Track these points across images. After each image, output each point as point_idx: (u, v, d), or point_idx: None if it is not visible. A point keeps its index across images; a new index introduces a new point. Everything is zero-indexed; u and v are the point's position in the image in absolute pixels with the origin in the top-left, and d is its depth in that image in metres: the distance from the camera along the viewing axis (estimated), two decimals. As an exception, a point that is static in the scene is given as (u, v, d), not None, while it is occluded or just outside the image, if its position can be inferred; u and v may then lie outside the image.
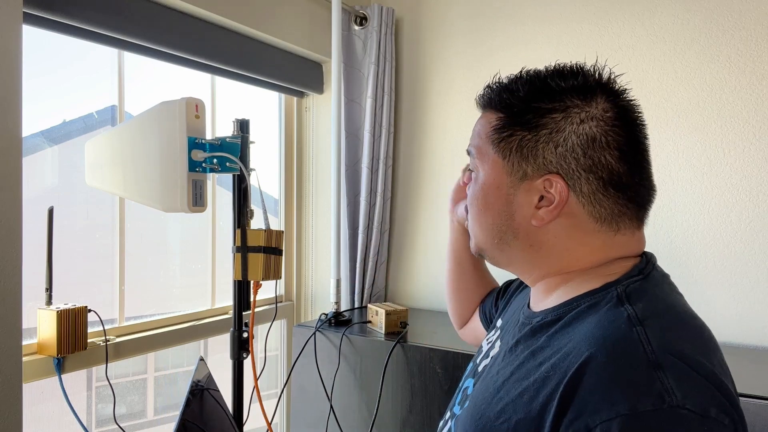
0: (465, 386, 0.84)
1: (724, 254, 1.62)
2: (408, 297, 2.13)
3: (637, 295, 0.65)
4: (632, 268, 0.69)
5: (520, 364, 0.68)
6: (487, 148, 0.73)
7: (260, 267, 1.28)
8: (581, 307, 0.67)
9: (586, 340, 0.61)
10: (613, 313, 0.63)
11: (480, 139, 0.75)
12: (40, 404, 1.46)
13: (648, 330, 0.59)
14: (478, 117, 0.79)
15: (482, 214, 0.75)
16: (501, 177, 0.72)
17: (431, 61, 2.08)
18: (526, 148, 0.70)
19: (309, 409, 1.71)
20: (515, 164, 0.71)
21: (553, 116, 0.68)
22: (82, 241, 1.57)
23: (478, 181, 0.75)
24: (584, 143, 0.67)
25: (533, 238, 0.72)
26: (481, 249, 0.78)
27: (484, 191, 0.74)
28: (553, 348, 0.65)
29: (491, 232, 0.74)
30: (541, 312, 0.73)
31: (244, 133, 1.32)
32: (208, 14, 1.62)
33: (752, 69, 1.58)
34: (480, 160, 0.74)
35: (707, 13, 1.63)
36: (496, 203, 0.73)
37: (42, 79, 1.41)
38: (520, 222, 0.72)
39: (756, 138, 1.58)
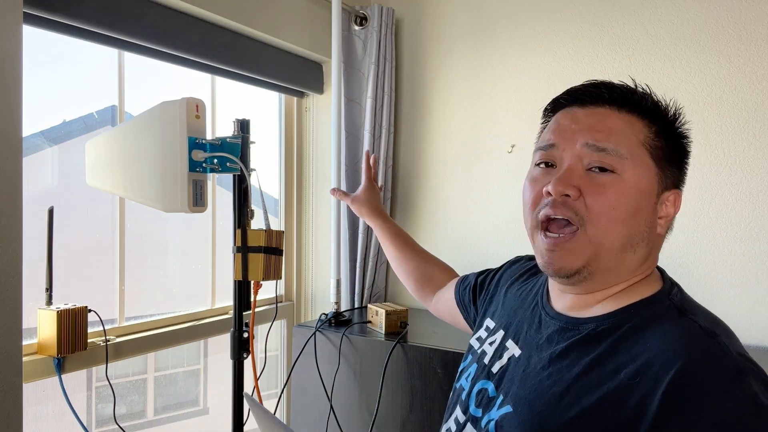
0: (479, 388, 0.83)
1: (724, 254, 1.61)
2: (408, 297, 2.13)
3: (690, 308, 0.71)
4: (664, 279, 0.76)
5: (586, 371, 0.69)
6: (641, 153, 0.73)
7: (260, 267, 1.28)
8: (642, 316, 0.71)
9: (673, 347, 0.64)
10: (685, 323, 0.68)
11: (629, 141, 0.73)
12: (40, 404, 1.46)
13: (721, 340, 0.65)
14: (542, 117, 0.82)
15: (632, 217, 0.72)
16: (653, 185, 0.73)
17: (431, 61, 2.08)
18: (669, 158, 0.75)
19: (309, 409, 1.71)
20: (666, 175, 0.74)
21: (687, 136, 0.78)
22: (82, 241, 1.57)
23: (628, 184, 0.71)
24: (684, 154, 0.78)
25: (652, 246, 0.76)
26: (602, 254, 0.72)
27: (638, 195, 0.72)
28: (625, 355, 0.67)
29: (631, 237, 0.72)
30: (591, 319, 0.74)
31: (244, 133, 1.32)
32: (208, 14, 1.62)
33: (752, 69, 1.58)
34: (632, 161, 0.72)
35: (707, 13, 1.63)
36: (645, 209, 0.73)
37: (42, 79, 1.41)
38: (653, 231, 0.75)
39: (756, 138, 1.58)
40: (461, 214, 2.03)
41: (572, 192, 0.71)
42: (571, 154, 0.74)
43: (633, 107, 0.74)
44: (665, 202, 0.75)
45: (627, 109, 0.74)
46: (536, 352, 0.78)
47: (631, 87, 0.77)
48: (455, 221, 2.03)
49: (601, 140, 0.72)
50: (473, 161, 2.00)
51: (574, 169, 0.73)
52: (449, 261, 1.36)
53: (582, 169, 0.73)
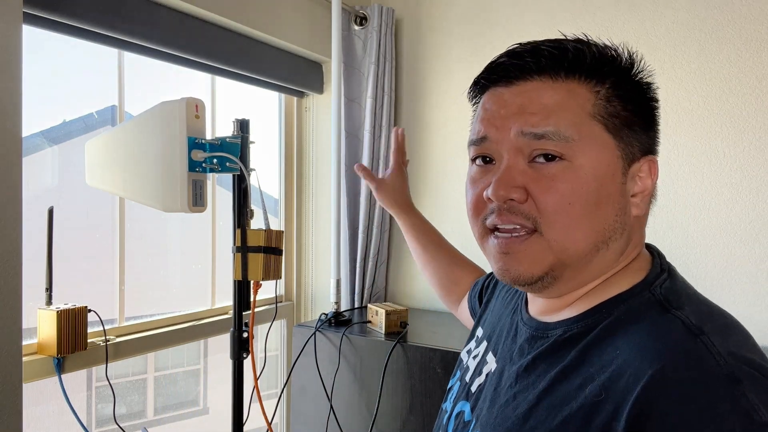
0: (458, 410, 0.73)
1: (725, 254, 1.61)
2: (408, 297, 2.13)
3: (677, 298, 0.58)
4: (653, 264, 0.63)
5: (550, 387, 0.58)
6: (592, 127, 0.59)
7: (260, 267, 1.28)
8: (615, 316, 0.59)
9: (643, 354, 0.52)
10: (663, 320, 0.56)
11: (573, 116, 0.58)
12: (40, 404, 1.46)
13: (712, 338, 0.52)
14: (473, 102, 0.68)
15: (595, 212, 0.58)
16: (615, 162, 0.59)
17: (431, 61, 2.08)
18: (633, 122, 0.60)
19: (309, 409, 1.71)
20: (631, 143, 0.60)
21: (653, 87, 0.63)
22: (82, 241, 1.57)
23: (582, 170, 0.58)
24: (654, 112, 0.63)
25: (630, 232, 0.62)
26: (567, 261, 0.60)
27: (598, 182, 0.58)
28: (592, 366, 0.56)
29: (599, 235, 0.59)
30: (559, 323, 0.63)
31: (244, 133, 1.32)
32: (208, 14, 1.62)
33: (752, 69, 1.58)
34: (582, 142, 0.58)
35: (707, 13, 1.63)
36: (612, 195, 0.59)
37: (42, 79, 1.41)
38: (629, 217, 0.61)
39: (756, 138, 1.58)
40: (461, 213, 2.01)
41: (517, 195, 0.59)
42: (508, 147, 0.60)
43: (570, 70, 0.60)
44: (637, 176, 0.61)
45: (563, 74, 0.60)
46: (508, 366, 0.67)
47: (561, 44, 0.60)
48: (455, 221, 2.03)
49: (536, 124, 0.58)
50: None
51: (513, 165, 0.60)
52: (449, 261, 1.36)
53: (524, 162, 0.60)
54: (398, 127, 1.23)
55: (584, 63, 0.60)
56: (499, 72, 0.62)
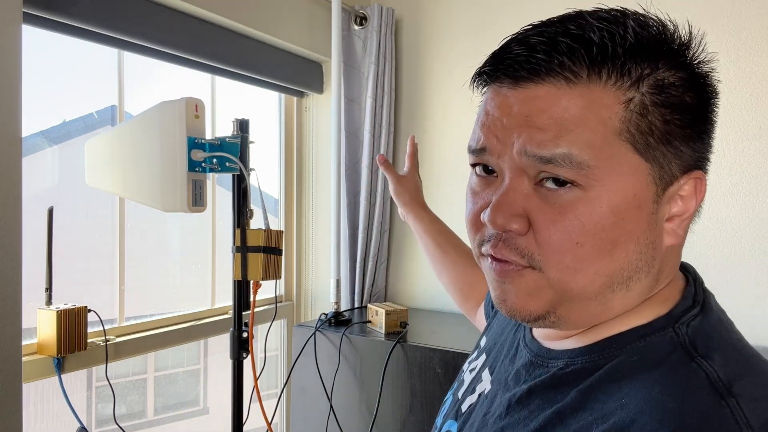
0: (446, 429, 0.66)
1: (724, 254, 1.61)
2: (408, 297, 2.13)
3: (705, 342, 0.47)
4: (684, 295, 0.52)
5: (541, 429, 0.50)
6: (617, 148, 0.46)
7: (260, 267, 1.28)
8: (627, 355, 0.49)
9: (652, 411, 0.43)
10: (684, 372, 0.45)
11: (594, 132, 0.45)
12: (40, 404, 1.46)
13: (742, 403, 0.42)
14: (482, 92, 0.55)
15: (609, 253, 0.47)
16: (644, 190, 0.47)
17: (431, 61, 2.08)
18: (674, 135, 0.47)
19: (309, 409, 1.71)
20: (664, 165, 0.47)
21: (678, 80, 0.48)
22: (82, 241, 1.57)
23: (598, 202, 0.46)
24: (703, 116, 0.49)
25: (663, 265, 0.51)
26: (571, 298, 0.50)
27: (617, 217, 0.46)
28: (592, 413, 0.46)
29: (614, 277, 0.48)
30: (562, 353, 0.53)
31: (243, 133, 1.32)
32: (208, 14, 1.62)
33: (752, 69, 1.58)
34: (601, 167, 0.46)
35: (707, 13, 1.63)
36: (634, 232, 0.47)
37: (42, 79, 1.41)
38: (659, 250, 0.50)
39: (756, 138, 1.58)
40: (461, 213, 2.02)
41: (517, 225, 0.48)
42: (510, 165, 0.49)
43: (594, 69, 0.46)
44: (677, 196, 0.49)
45: (584, 76, 0.46)
46: (502, 392, 0.58)
47: (584, 32, 0.46)
48: (455, 221, 2.03)
49: (544, 145, 0.46)
50: (473, 161, 2.00)
51: (515, 188, 0.49)
52: (449, 261, 1.36)
53: (528, 184, 0.48)
54: (412, 135, 1.21)
55: (615, 56, 0.45)
56: (505, 68, 0.49)
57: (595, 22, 0.46)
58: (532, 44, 0.47)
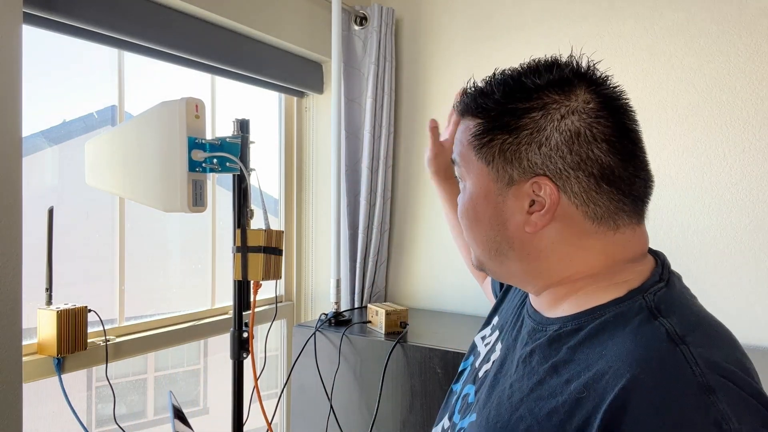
0: (465, 392, 0.80)
1: (724, 254, 1.61)
2: (408, 297, 2.13)
3: (668, 307, 0.61)
4: (652, 274, 0.66)
5: (541, 380, 0.63)
6: (470, 156, 0.70)
7: (260, 267, 1.28)
8: (606, 317, 0.63)
9: (624, 358, 0.56)
10: (649, 328, 0.59)
11: (462, 146, 0.72)
12: (40, 404, 1.46)
13: (692, 348, 0.55)
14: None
15: (475, 226, 0.72)
16: (487, 184, 0.69)
17: (431, 61, 2.08)
18: (508, 151, 0.67)
19: (309, 409, 1.71)
20: (500, 169, 0.68)
21: (531, 116, 0.65)
22: (82, 241, 1.57)
23: (467, 191, 0.72)
24: (568, 139, 0.63)
25: (529, 246, 0.68)
26: (481, 263, 0.74)
27: (473, 201, 0.71)
28: (579, 364, 0.60)
29: (486, 245, 0.71)
30: (557, 319, 0.68)
31: (244, 133, 1.32)
32: (208, 14, 1.62)
33: (752, 69, 1.58)
34: (465, 168, 0.72)
35: (707, 13, 1.63)
36: (486, 213, 0.70)
37: (42, 79, 1.41)
38: (513, 231, 0.68)
39: (756, 138, 1.58)
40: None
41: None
42: None
43: (466, 110, 0.72)
44: (531, 194, 0.66)
45: (468, 113, 0.72)
46: (510, 355, 0.73)
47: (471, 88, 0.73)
48: (455, 221, 2.03)
49: (453, 154, 0.75)
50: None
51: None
52: (450, 261, 1.36)
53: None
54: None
55: (472, 102, 0.71)
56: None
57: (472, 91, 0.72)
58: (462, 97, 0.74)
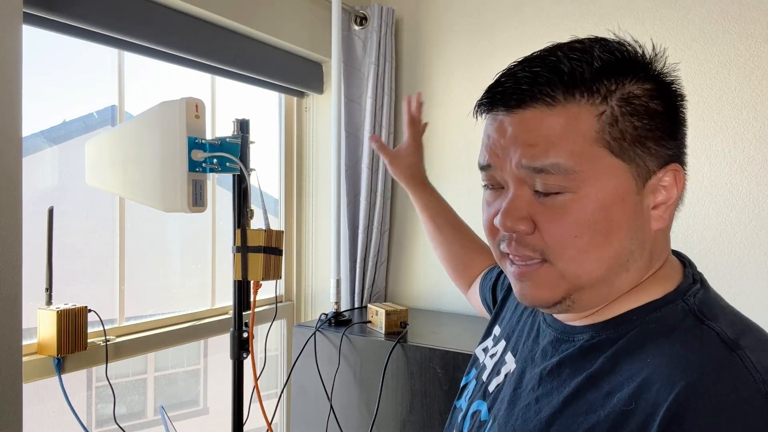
0: (474, 409, 0.73)
1: (724, 254, 1.61)
2: (408, 297, 2.13)
3: (710, 310, 0.57)
4: (685, 274, 0.62)
5: (576, 393, 0.57)
6: (596, 153, 0.56)
7: (260, 267, 1.28)
8: (646, 324, 0.57)
9: (675, 365, 0.51)
10: (697, 332, 0.54)
11: (575, 145, 0.55)
12: (40, 404, 1.46)
13: (748, 353, 0.51)
14: (484, 117, 0.64)
15: (605, 240, 0.57)
16: (625, 185, 0.56)
17: (431, 61, 2.08)
18: (645, 137, 0.56)
19: (309, 409, 1.71)
20: (640, 163, 0.57)
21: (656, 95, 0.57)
22: (82, 241, 1.57)
23: (587, 200, 0.56)
24: (674, 117, 0.59)
25: (653, 249, 0.60)
26: (583, 285, 0.59)
27: (605, 211, 0.56)
28: (621, 374, 0.55)
29: (613, 260, 0.58)
30: (585, 328, 0.62)
31: (244, 133, 1.32)
32: (208, 14, 1.62)
33: (752, 69, 1.58)
34: (585, 171, 0.55)
35: (707, 13, 1.63)
36: (623, 220, 0.57)
37: (42, 79, 1.41)
38: (648, 234, 0.59)
39: (756, 138, 1.58)
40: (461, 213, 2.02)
41: (524, 227, 0.58)
42: (512, 177, 0.59)
43: (568, 92, 0.56)
44: (659, 186, 0.59)
45: (561, 98, 0.56)
46: (530, 368, 0.66)
47: (557, 61, 0.57)
48: (455, 221, 2.03)
49: (535, 157, 0.56)
50: (473, 161, 1.99)
51: (520, 196, 0.59)
52: (449, 261, 1.36)
53: (530, 192, 0.58)
54: (418, 93, 1.20)
55: (584, 80, 0.56)
56: (498, 97, 0.60)
57: (568, 53, 0.57)
58: (518, 78, 0.58)
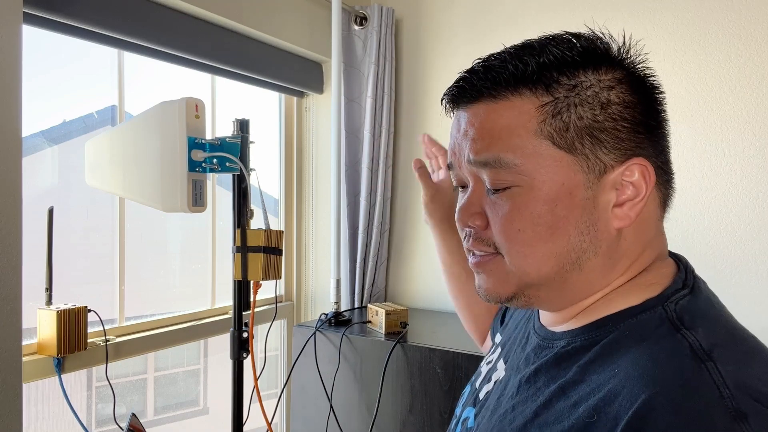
0: (464, 416, 0.72)
1: (724, 254, 1.61)
2: (408, 297, 2.13)
3: (692, 317, 0.53)
4: (674, 279, 0.57)
5: (547, 402, 0.55)
6: (537, 144, 0.54)
7: (260, 267, 1.28)
8: (620, 331, 0.54)
9: (639, 377, 0.48)
10: (669, 342, 0.50)
11: (516, 136, 0.54)
12: (40, 404, 1.46)
13: (720, 366, 0.47)
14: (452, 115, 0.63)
15: (549, 236, 0.55)
16: (573, 178, 0.54)
17: (431, 61, 2.08)
18: (597, 129, 0.53)
19: (309, 409, 1.71)
20: (589, 156, 0.54)
21: (617, 86, 0.55)
22: (82, 241, 1.57)
23: (531, 194, 0.55)
24: (641, 110, 0.55)
25: (614, 248, 0.56)
26: (533, 282, 0.57)
27: (549, 205, 0.54)
28: (590, 384, 0.52)
29: (562, 257, 0.55)
30: (564, 334, 0.59)
31: (244, 133, 1.32)
32: (208, 14, 1.62)
33: (752, 69, 1.58)
34: (528, 164, 0.54)
35: (707, 13, 1.63)
36: (571, 215, 0.54)
37: (42, 79, 1.41)
38: (603, 231, 0.55)
39: (756, 138, 1.58)
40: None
41: (477, 222, 0.58)
42: (468, 173, 0.59)
43: (512, 85, 0.55)
44: (622, 183, 0.55)
45: (504, 92, 0.55)
46: (514, 375, 0.64)
47: (504, 57, 0.56)
48: (455, 221, 2.03)
49: (479, 152, 0.56)
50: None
51: (475, 191, 0.59)
52: (449, 261, 1.36)
53: (484, 189, 0.58)
54: (424, 136, 1.10)
55: (529, 74, 0.54)
56: (454, 95, 0.60)
57: (520, 50, 0.56)
58: (473, 73, 0.58)
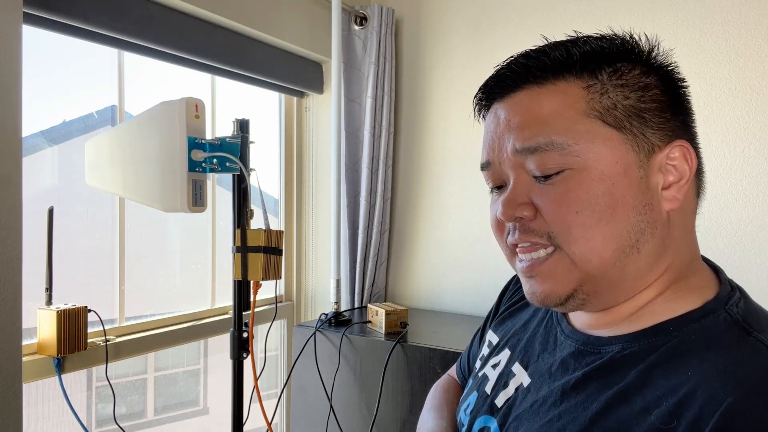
0: (481, 425, 0.67)
1: (724, 255, 1.61)
2: (408, 297, 2.13)
3: (756, 321, 0.53)
4: (722, 282, 0.58)
5: (605, 409, 0.53)
6: (588, 124, 0.54)
7: (260, 267, 1.28)
8: (685, 335, 0.53)
9: (721, 379, 0.47)
10: (746, 345, 0.50)
11: (567, 120, 0.55)
12: (40, 404, 1.46)
13: None
14: (483, 118, 0.64)
15: (610, 216, 0.54)
16: (625, 156, 0.54)
17: (431, 61, 2.08)
18: (642, 109, 0.55)
19: (309, 409, 1.71)
20: (638, 134, 0.55)
21: (654, 74, 0.58)
22: (82, 241, 1.57)
23: (585, 174, 0.54)
24: (675, 96, 0.58)
25: (666, 232, 0.56)
26: (595, 273, 0.55)
27: (606, 183, 0.54)
28: (658, 388, 0.51)
29: (622, 239, 0.54)
30: (616, 339, 0.57)
31: (244, 133, 1.32)
32: (208, 14, 1.62)
33: (752, 69, 1.58)
34: (580, 144, 0.54)
35: (707, 13, 1.63)
36: (628, 195, 0.54)
37: (42, 79, 1.41)
38: (658, 213, 0.56)
39: (756, 138, 1.58)
40: (461, 213, 2.02)
41: (525, 212, 0.57)
42: (510, 166, 0.58)
43: (556, 71, 0.56)
44: (667, 165, 0.56)
45: (550, 77, 0.56)
46: (548, 382, 0.61)
47: (545, 47, 0.58)
48: (455, 221, 2.03)
49: (528, 138, 0.56)
50: (473, 161, 2.00)
51: (519, 182, 0.58)
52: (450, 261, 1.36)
53: (529, 179, 0.57)
54: None
55: (570, 60, 0.56)
56: (491, 88, 0.60)
57: (558, 44, 0.58)
58: (511, 66, 0.59)
